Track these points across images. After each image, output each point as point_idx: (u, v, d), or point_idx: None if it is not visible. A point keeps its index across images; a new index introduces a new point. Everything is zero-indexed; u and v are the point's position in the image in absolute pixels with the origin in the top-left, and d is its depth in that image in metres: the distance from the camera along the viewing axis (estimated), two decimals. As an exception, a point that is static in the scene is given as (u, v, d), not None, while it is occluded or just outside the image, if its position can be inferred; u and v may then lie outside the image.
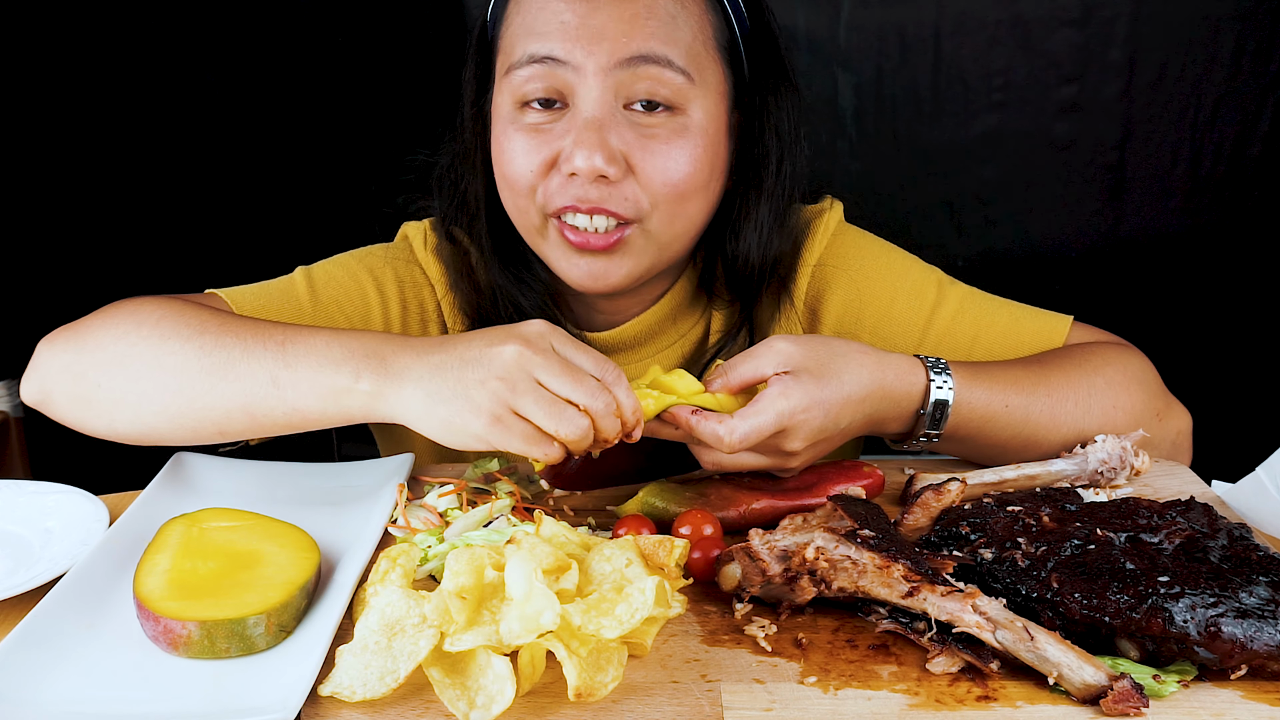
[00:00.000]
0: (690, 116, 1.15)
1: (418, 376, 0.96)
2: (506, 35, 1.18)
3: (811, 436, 1.03)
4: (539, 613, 0.76)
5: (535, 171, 1.15)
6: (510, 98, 1.16)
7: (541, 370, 0.93)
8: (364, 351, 0.99)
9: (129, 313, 1.09)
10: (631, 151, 1.13)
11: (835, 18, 2.31)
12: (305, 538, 0.96)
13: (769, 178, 1.24)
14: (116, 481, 1.15)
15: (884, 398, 1.08)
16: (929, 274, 1.32)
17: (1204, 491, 1.13)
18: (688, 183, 1.15)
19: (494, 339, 0.96)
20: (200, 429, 1.06)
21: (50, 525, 1.05)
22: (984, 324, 1.28)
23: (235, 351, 1.02)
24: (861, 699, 0.79)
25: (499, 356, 0.93)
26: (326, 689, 0.78)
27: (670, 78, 1.13)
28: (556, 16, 1.13)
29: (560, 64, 1.12)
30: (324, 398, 0.99)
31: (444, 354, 0.96)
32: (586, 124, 1.12)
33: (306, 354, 1.00)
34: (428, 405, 0.95)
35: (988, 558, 0.90)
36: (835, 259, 1.32)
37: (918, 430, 1.12)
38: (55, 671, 0.82)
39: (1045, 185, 2.40)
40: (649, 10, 1.13)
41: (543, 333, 0.97)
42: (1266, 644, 0.78)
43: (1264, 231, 2.39)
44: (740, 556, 0.89)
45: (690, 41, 1.14)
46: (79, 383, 1.08)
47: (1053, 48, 2.30)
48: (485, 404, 0.93)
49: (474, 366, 0.94)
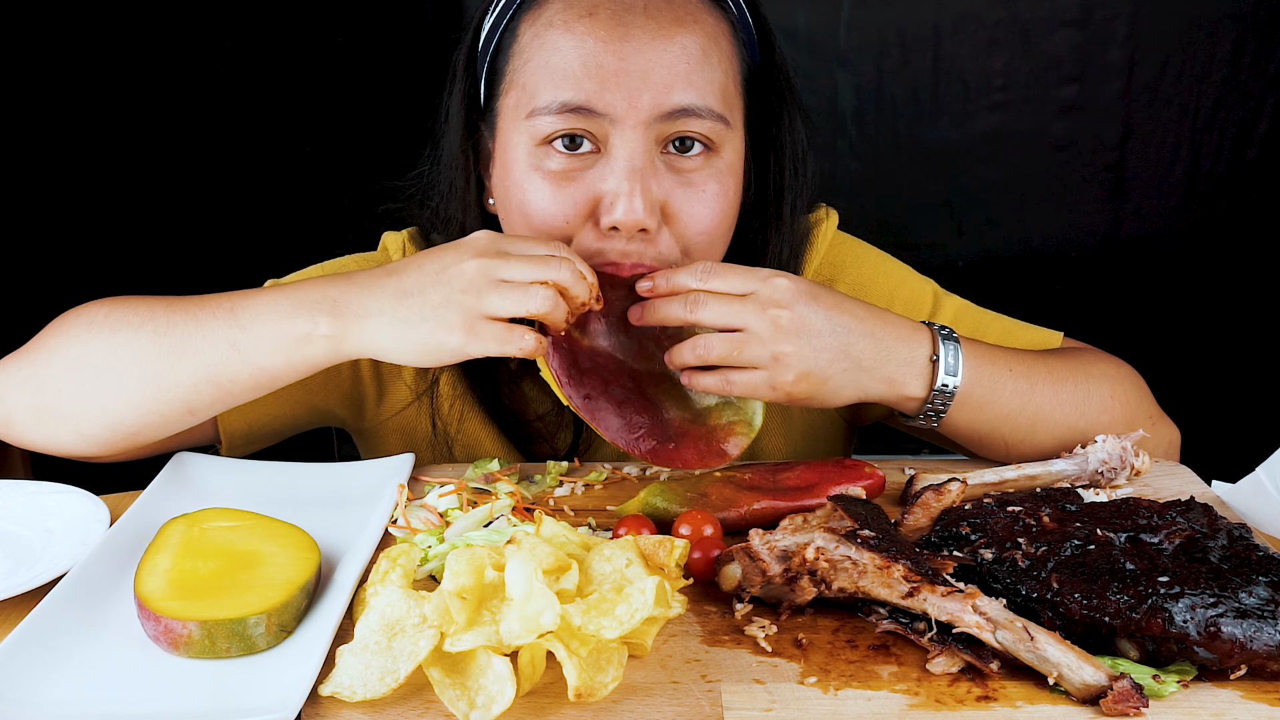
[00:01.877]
0: (723, 158, 1.12)
1: (379, 309, 1.00)
2: (525, 71, 1.11)
3: (801, 316, 1.03)
4: (539, 613, 0.76)
5: (569, 223, 1.09)
6: (531, 140, 1.10)
7: (502, 270, 0.99)
8: (314, 298, 1.02)
9: (74, 318, 1.10)
10: (670, 199, 1.09)
11: (835, 18, 2.31)
12: (305, 538, 0.96)
13: (786, 210, 1.23)
14: (117, 481, 1.16)
15: (888, 328, 1.08)
16: (925, 284, 1.34)
17: (1204, 492, 1.13)
18: (720, 227, 1.13)
19: (448, 259, 1.00)
20: (169, 412, 1.07)
21: (51, 525, 1.04)
22: (978, 334, 1.29)
23: (188, 327, 1.04)
24: (861, 699, 0.79)
25: (460, 274, 0.99)
26: (327, 689, 0.78)
27: (709, 125, 1.09)
28: (593, 59, 1.06)
29: (596, 115, 1.06)
30: (286, 351, 1.02)
31: (398, 281, 1.01)
32: (628, 174, 1.06)
33: (258, 313, 1.03)
34: (398, 332, 0.99)
35: (988, 558, 0.90)
36: (832, 268, 1.33)
37: (936, 380, 1.09)
38: (55, 671, 0.82)
39: (1045, 185, 2.40)
40: (685, 52, 1.08)
41: (493, 237, 1.02)
42: (1266, 644, 0.78)
43: (1263, 232, 2.39)
44: (740, 556, 0.89)
45: (723, 82, 1.11)
46: (39, 394, 1.09)
47: (1053, 48, 2.30)
48: (456, 319, 0.98)
49: (436, 288, 0.99)
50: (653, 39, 1.07)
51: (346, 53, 2.34)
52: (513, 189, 1.12)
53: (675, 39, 1.07)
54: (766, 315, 1.03)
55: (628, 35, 1.06)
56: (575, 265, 1.01)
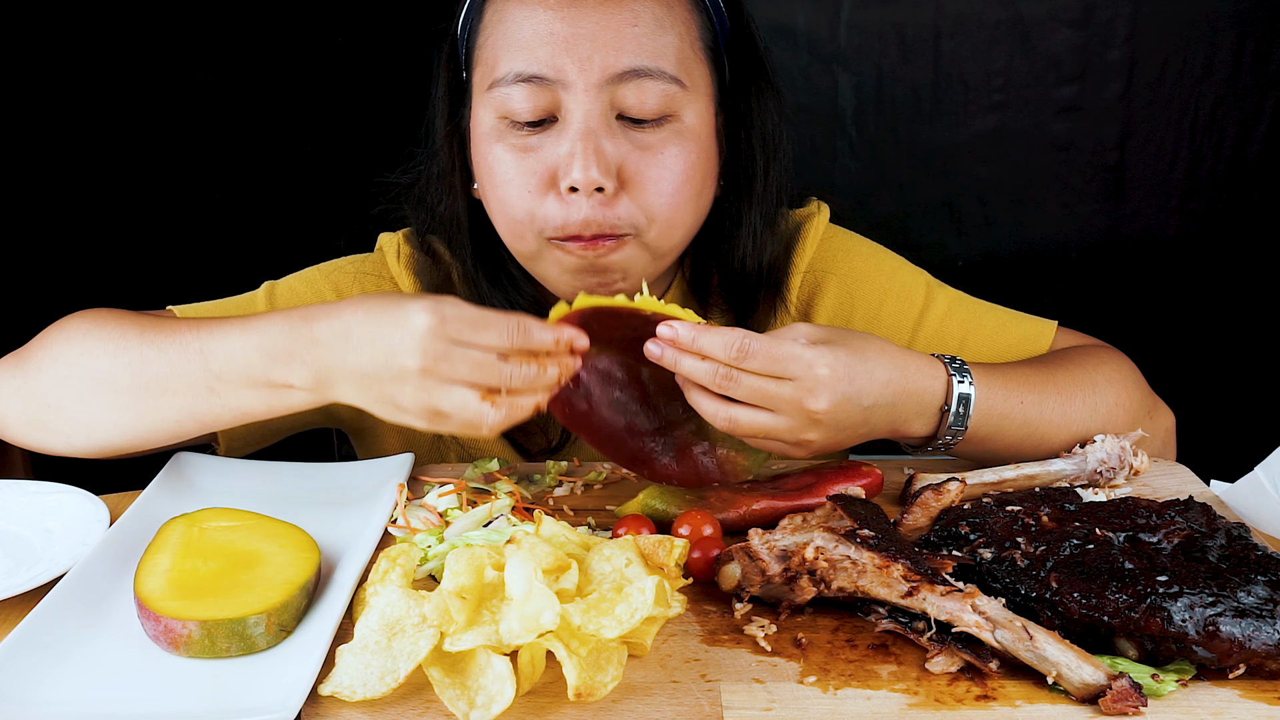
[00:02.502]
0: (683, 121, 1.13)
1: (344, 379, 0.95)
2: (486, 47, 1.14)
3: (835, 405, 0.97)
4: (539, 612, 0.76)
5: (532, 193, 1.11)
6: (494, 114, 1.12)
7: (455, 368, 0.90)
8: (281, 348, 0.96)
9: (60, 332, 1.09)
10: (627, 163, 1.10)
11: (835, 18, 2.31)
12: (305, 538, 0.96)
13: (758, 182, 1.22)
14: (116, 481, 1.16)
15: (907, 389, 1.03)
16: (918, 276, 1.33)
17: (1202, 491, 1.13)
18: (685, 188, 1.13)
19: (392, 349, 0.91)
20: (155, 439, 1.07)
21: (51, 525, 1.05)
22: (972, 326, 1.28)
23: (161, 369, 1.01)
24: (861, 699, 0.79)
25: (405, 375, 0.91)
26: (326, 689, 0.78)
27: (663, 88, 1.10)
28: (544, 27, 1.09)
29: (549, 82, 1.09)
30: (267, 398, 1.00)
31: (355, 357, 0.93)
32: (581, 135, 1.08)
33: (228, 361, 0.99)
34: (367, 404, 0.95)
35: (987, 557, 0.90)
36: (825, 262, 1.32)
37: (942, 430, 1.08)
38: (55, 671, 0.82)
39: (1045, 185, 2.40)
40: (635, 17, 1.09)
41: (433, 326, 0.90)
42: (1265, 643, 0.78)
43: (1263, 232, 2.39)
44: (740, 556, 0.90)
45: (678, 45, 1.12)
46: (31, 406, 1.09)
47: (1053, 48, 2.30)
48: (419, 421, 0.93)
49: (391, 384, 0.92)
50: (602, 4, 1.09)
51: (345, 53, 2.34)
52: (481, 165, 1.16)
53: (624, 5, 1.09)
54: (803, 406, 0.97)
55: (577, 2, 1.09)
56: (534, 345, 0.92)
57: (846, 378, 0.98)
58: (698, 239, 1.24)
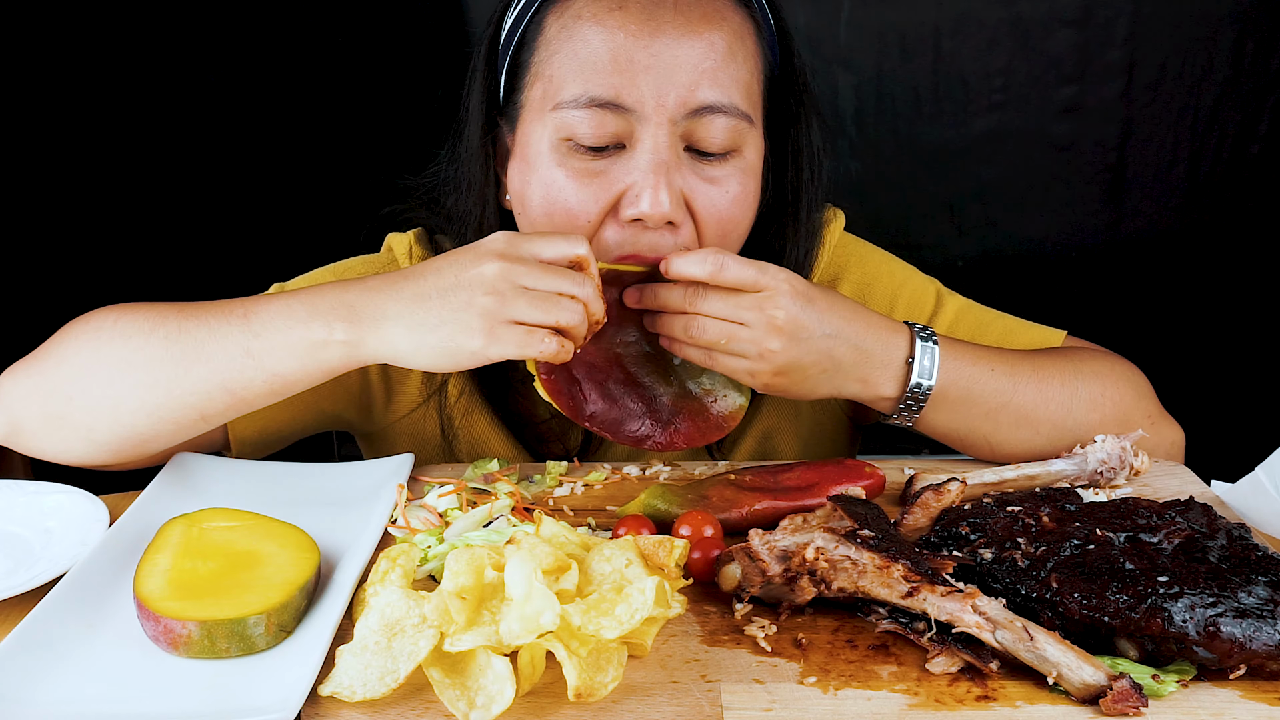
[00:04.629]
0: (745, 157, 1.13)
1: (397, 313, 0.99)
2: (551, 63, 1.10)
3: (793, 316, 1.04)
4: (539, 613, 0.76)
5: (594, 220, 1.10)
6: (556, 133, 1.09)
7: (526, 277, 0.98)
8: (330, 303, 1.01)
9: (84, 324, 1.09)
10: (693, 194, 1.10)
11: (835, 18, 2.31)
12: (305, 538, 0.96)
13: (803, 212, 1.23)
14: (116, 481, 1.16)
15: (871, 331, 1.09)
16: (928, 283, 1.35)
17: (1203, 491, 1.13)
18: (740, 224, 1.14)
19: (467, 262, 0.99)
20: (183, 418, 1.06)
21: (50, 525, 1.05)
22: (979, 332, 1.29)
23: (200, 334, 1.03)
24: (861, 699, 0.79)
25: (481, 277, 0.98)
26: (326, 689, 0.78)
27: (733, 124, 1.09)
28: (623, 53, 1.06)
29: (623, 110, 1.06)
30: (301, 356, 1.01)
31: (416, 285, 1.00)
32: (653, 167, 1.07)
33: (272, 319, 1.02)
34: (417, 337, 0.99)
35: (987, 558, 0.90)
36: (838, 267, 1.34)
37: (909, 382, 1.10)
38: (55, 671, 0.82)
39: (1045, 185, 2.40)
40: (712, 49, 1.08)
41: (512, 241, 1.01)
42: (1265, 644, 0.78)
43: (1264, 231, 2.39)
44: (740, 557, 0.89)
45: (748, 81, 1.11)
46: (49, 400, 1.08)
47: (1053, 48, 2.30)
48: (478, 323, 0.97)
49: (456, 291, 0.98)
50: (681, 35, 1.07)
51: (348, 54, 2.34)
52: (534, 183, 1.12)
53: (703, 35, 1.08)
54: (764, 313, 1.04)
55: (657, 30, 1.07)
56: (595, 281, 1.02)
57: (805, 294, 1.06)
58: None
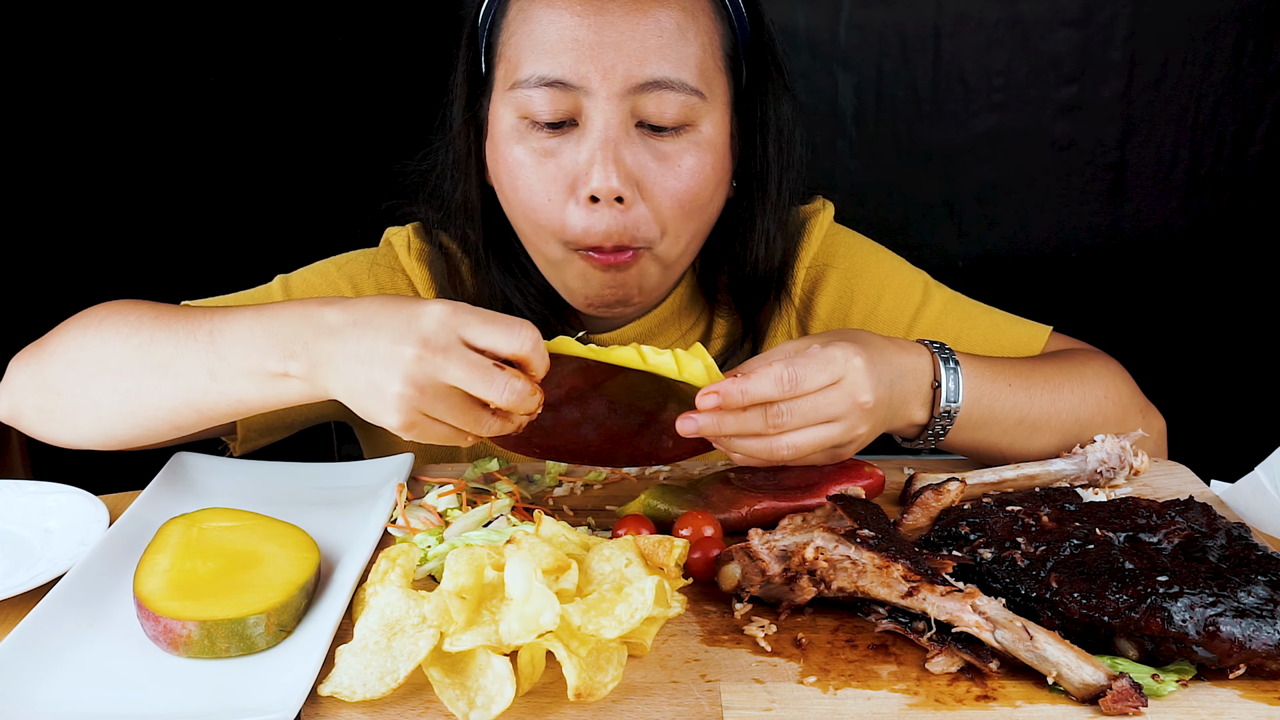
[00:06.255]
0: (701, 132, 1.13)
1: (336, 366, 0.93)
2: (509, 44, 1.14)
3: (878, 390, 0.99)
4: (539, 613, 0.76)
5: (553, 200, 1.12)
6: (514, 113, 1.13)
7: (446, 372, 0.89)
8: (289, 335, 0.96)
9: (80, 319, 1.10)
10: (645, 173, 1.10)
11: (835, 18, 2.31)
12: (305, 538, 0.96)
13: (771, 186, 1.23)
14: (116, 481, 1.16)
15: (904, 367, 1.06)
16: (916, 275, 1.35)
17: (1203, 491, 1.13)
18: (697, 199, 1.14)
19: (391, 334, 0.90)
20: (155, 427, 1.06)
21: (50, 525, 1.05)
22: (966, 326, 1.30)
23: (169, 348, 1.02)
24: (861, 699, 0.79)
25: (399, 359, 0.89)
26: (326, 689, 0.78)
27: (683, 99, 1.10)
28: (569, 32, 1.09)
29: (572, 88, 1.09)
30: (261, 386, 0.99)
31: (356, 339, 0.92)
32: (601, 143, 1.08)
33: (233, 345, 0.99)
34: (352, 396, 0.93)
35: (987, 558, 0.90)
36: (826, 257, 1.34)
37: (937, 407, 1.09)
38: (55, 671, 0.82)
39: (1045, 185, 2.40)
40: (660, 26, 1.09)
41: (443, 321, 0.90)
42: (1265, 643, 0.78)
43: (1264, 231, 2.39)
44: (740, 556, 0.89)
45: (700, 55, 1.12)
46: (42, 393, 1.09)
47: (1053, 48, 2.30)
48: (393, 405, 0.90)
49: (372, 364, 0.90)
50: (628, 13, 1.09)
51: (347, 50, 2.34)
52: (501, 161, 1.16)
53: (650, 13, 1.09)
54: (854, 402, 0.99)
55: (603, 9, 1.09)
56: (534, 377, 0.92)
57: (870, 361, 1.01)
58: (709, 238, 1.24)
